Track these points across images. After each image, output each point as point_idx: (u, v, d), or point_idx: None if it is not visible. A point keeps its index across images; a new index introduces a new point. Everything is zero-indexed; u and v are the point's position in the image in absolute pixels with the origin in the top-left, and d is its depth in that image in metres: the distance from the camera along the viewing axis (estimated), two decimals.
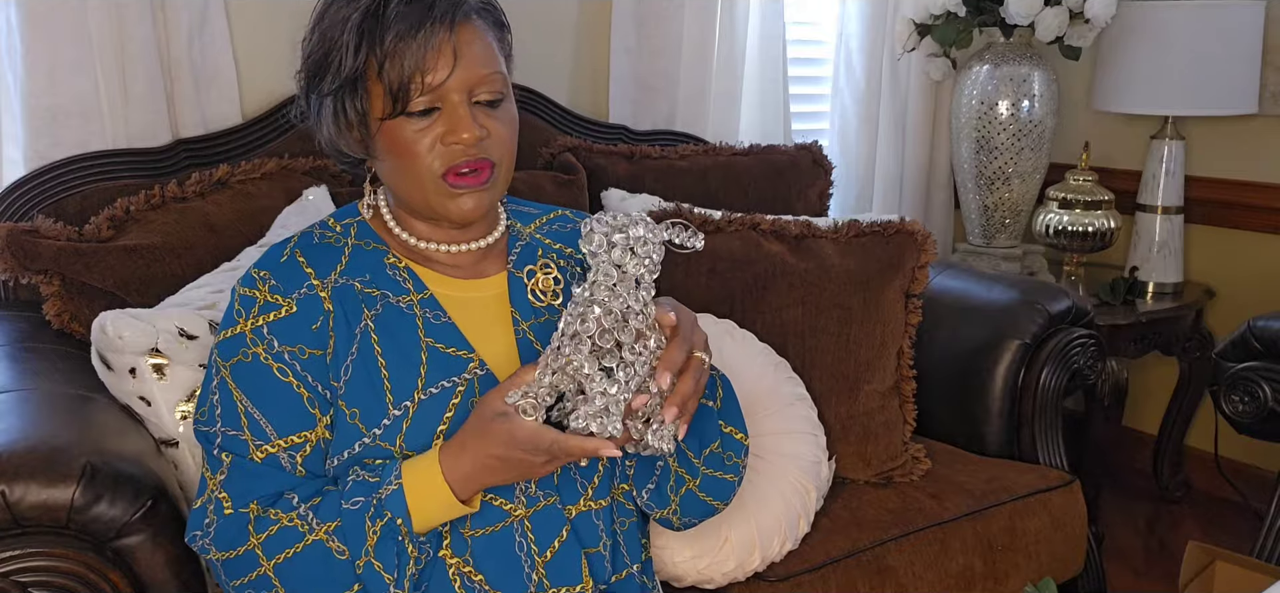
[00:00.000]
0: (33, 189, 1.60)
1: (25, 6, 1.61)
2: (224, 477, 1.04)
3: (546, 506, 1.09)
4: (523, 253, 1.17)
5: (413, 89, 1.00)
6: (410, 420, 1.05)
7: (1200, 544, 1.63)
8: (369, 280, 1.09)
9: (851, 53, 2.67)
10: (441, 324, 1.09)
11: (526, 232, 1.20)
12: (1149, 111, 2.56)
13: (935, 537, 1.60)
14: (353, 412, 1.05)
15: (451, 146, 1.02)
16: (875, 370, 1.74)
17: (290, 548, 1.01)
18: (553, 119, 2.18)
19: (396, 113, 1.01)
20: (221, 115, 1.84)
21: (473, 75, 1.03)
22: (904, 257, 1.78)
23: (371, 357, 1.06)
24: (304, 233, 1.12)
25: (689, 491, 1.16)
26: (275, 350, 1.04)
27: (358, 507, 1.00)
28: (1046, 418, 1.85)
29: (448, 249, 1.12)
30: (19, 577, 1.02)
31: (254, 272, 1.08)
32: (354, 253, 1.10)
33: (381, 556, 1.00)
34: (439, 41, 1.00)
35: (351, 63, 1.01)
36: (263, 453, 1.04)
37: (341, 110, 1.04)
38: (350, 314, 1.07)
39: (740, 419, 1.18)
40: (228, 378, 1.05)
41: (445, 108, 1.02)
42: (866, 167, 2.74)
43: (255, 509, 1.03)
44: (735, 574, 1.45)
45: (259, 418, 1.04)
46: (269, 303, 1.05)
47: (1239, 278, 2.66)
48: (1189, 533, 2.53)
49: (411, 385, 1.05)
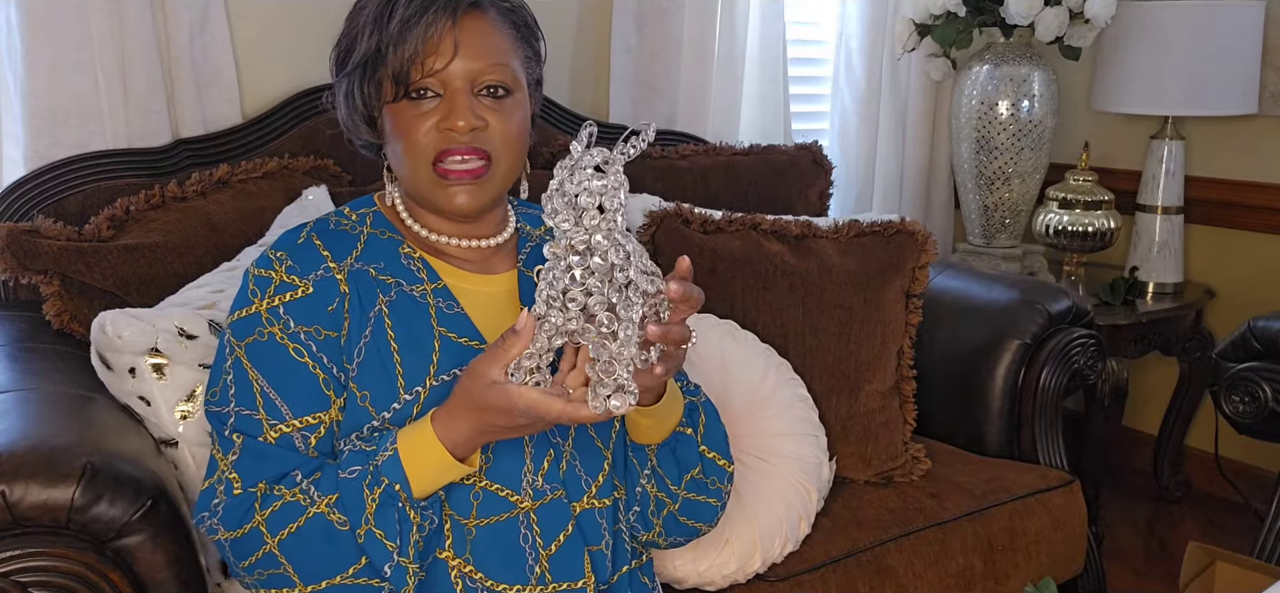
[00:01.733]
0: (33, 189, 1.60)
1: (25, 6, 1.61)
2: (236, 457, 1.04)
3: (553, 499, 1.09)
4: (533, 253, 1.18)
5: (414, 73, 1.03)
6: (421, 406, 1.05)
7: (1201, 545, 1.63)
8: (383, 268, 1.10)
9: (851, 53, 2.67)
10: (454, 314, 1.10)
11: (536, 234, 1.21)
12: (1149, 112, 2.56)
13: (935, 537, 1.60)
14: (364, 394, 1.06)
15: (445, 131, 1.04)
16: (876, 370, 1.74)
17: (293, 523, 1.01)
18: (553, 119, 2.17)
19: (398, 97, 1.05)
20: (222, 115, 1.84)
21: (475, 65, 1.04)
22: (904, 257, 1.78)
23: (385, 341, 1.07)
24: (320, 219, 1.13)
25: (670, 513, 1.17)
26: (292, 330, 1.05)
27: (355, 476, 1.00)
28: (1046, 418, 1.85)
29: (458, 243, 1.13)
30: (19, 577, 1.02)
31: (270, 252, 1.08)
32: (369, 240, 1.11)
33: (382, 523, 0.99)
34: (441, 29, 1.03)
35: (365, 47, 1.05)
36: (277, 433, 1.04)
37: (356, 92, 1.08)
38: (365, 298, 1.08)
39: (723, 445, 1.18)
40: (243, 357, 1.05)
41: (446, 95, 1.05)
42: (866, 167, 2.74)
43: (262, 488, 1.03)
44: (736, 576, 1.45)
45: (275, 397, 1.04)
46: (285, 283, 1.06)
47: (1239, 278, 2.66)
48: (1189, 533, 2.53)
49: (423, 372, 1.06)
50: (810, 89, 2.74)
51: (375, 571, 1.00)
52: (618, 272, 0.91)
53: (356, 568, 1.01)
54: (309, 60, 1.89)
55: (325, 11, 1.31)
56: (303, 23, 1.93)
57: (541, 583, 1.08)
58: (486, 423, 0.98)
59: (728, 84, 2.40)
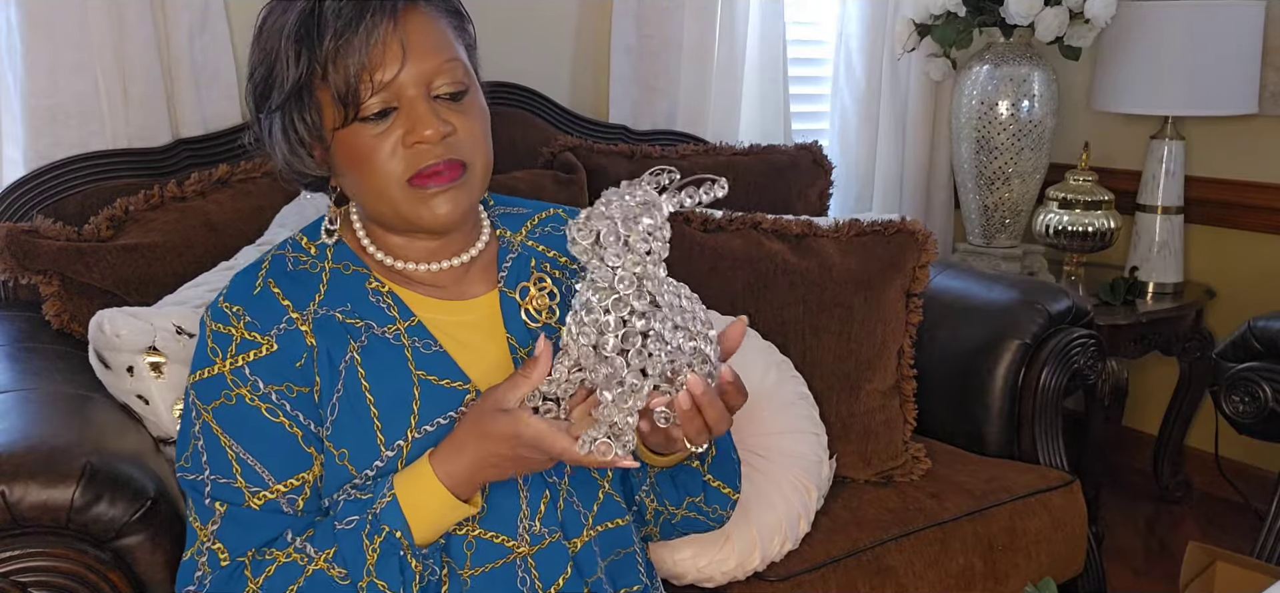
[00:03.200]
0: (33, 189, 1.60)
1: (25, 6, 1.61)
2: (216, 526, 0.97)
3: (551, 542, 1.02)
4: (514, 267, 1.08)
5: (362, 90, 0.92)
6: (404, 461, 0.97)
7: (1201, 545, 1.63)
8: (350, 310, 1.00)
9: (851, 53, 2.67)
10: (432, 353, 1.00)
11: (517, 240, 1.11)
12: (1149, 112, 2.55)
13: (935, 537, 1.60)
14: (341, 453, 0.98)
15: (414, 148, 0.94)
16: (876, 370, 1.74)
17: (292, 585, 0.95)
18: (553, 119, 2.17)
19: (349, 120, 0.93)
20: (221, 115, 1.84)
21: (427, 66, 0.94)
22: (905, 256, 1.78)
23: (359, 394, 0.98)
24: (275, 257, 1.03)
25: (666, 521, 1.15)
26: (262, 391, 0.96)
27: (352, 526, 0.94)
28: (1046, 418, 1.85)
29: (426, 267, 1.03)
30: (19, 577, 1.02)
31: (225, 305, 0.99)
32: (333, 279, 1.02)
33: (384, 574, 0.94)
34: (383, 34, 0.92)
35: (293, 73, 0.92)
36: (260, 500, 0.97)
37: (292, 126, 0.96)
38: (334, 349, 0.98)
39: (732, 476, 1.13)
40: (212, 422, 0.97)
41: (402, 106, 0.94)
42: (866, 166, 2.74)
43: (252, 555, 0.97)
44: (735, 573, 1.45)
45: (253, 463, 0.96)
46: (246, 342, 0.97)
47: (1239, 278, 2.66)
48: (1189, 533, 2.53)
49: (404, 424, 0.98)
50: (810, 89, 2.74)
51: None
52: (636, 319, 0.86)
53: None
54: None
55: None
56: None
57: None
58: (489, 453, 0.92)
59: (728, 84, 2.40)
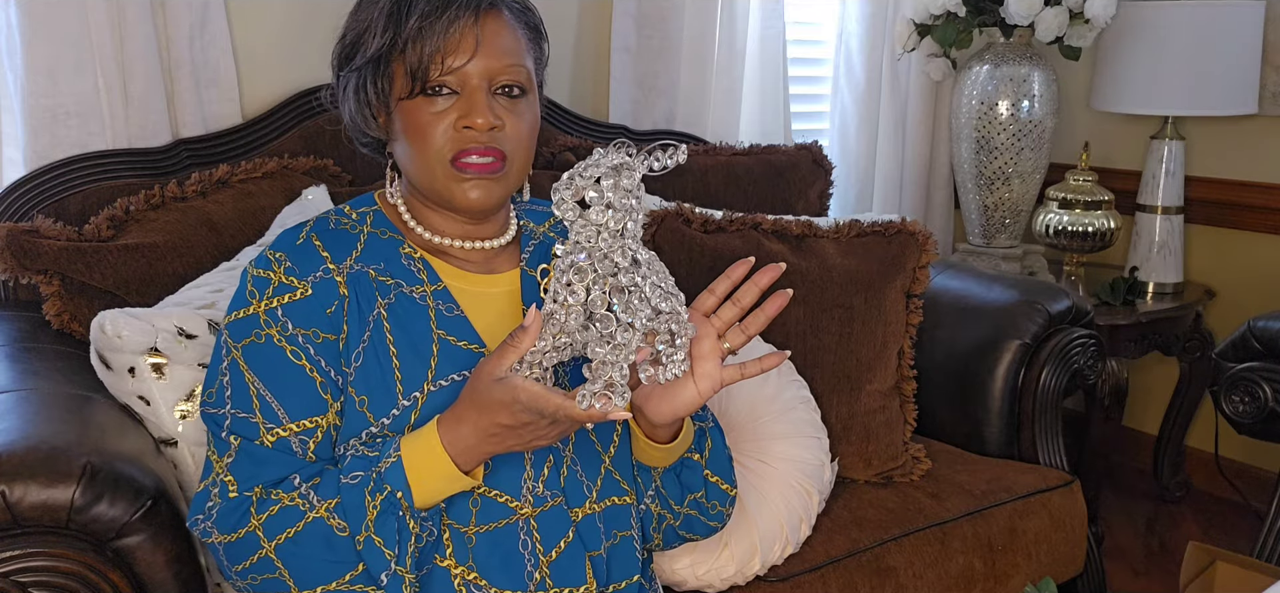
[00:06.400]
0: (33, 189, 1.60)
1: (25, 6, 1.61)
2: (231, 459, 1.03)
3: (553, 506, 1.08)
4: (536, 251, 1.17)
5: (432, 69, 1.03)
6: (419, 411, 1.04)
7: (1201, 545, 1.63)
8: (383, 269, 1.09)
9: (851, 53, 2.67)
10: (454, 317, 1.09)
11: (540, 230, 1.20)
12: (1149, 112, 2.56)
13: (935, 537, 1.60)
14: (361, 399, 1.04)
15: (464, 131, 1.04)
16: (876, 370, 1.74)
17: (291, 528, 0.99)
18: (553, 119, 2.17)
19: (414, 93, 1.04)
20: (221, 115, 1.84)
21: (494, 63, 1.05)
22: (905, 256, 1.78)
23: (383, 345, 1.06)
24: (320, 218, 1.12)
25: (669, 526, 1.20)
26: (289, 333, 1.04)
27: (357, 481, 0.99)
28: (1046, 418, 1.85)
29: (461, 244, 1.12)
30: (19, 577, 1.02)
31: (269, 253, 1.07)
32: (370, 240, 1.10)
33: (382, 530, 0.98)
34: (463, 26, 1.03)
35: (378, 43, 1.04)
36: (273, 436, 1.03)
37: (365, 88, 1.07)
38: (364, 302, 1.07)
39: (727, 471, 1.20)
40: (239, 359, 1.04)
41: (464, 93, 1.04)
42: (866, 166, 2.74)
43: (258, 492, 1.01)
44: (735, 580, 1.45)
45: (271, 400, 1.03)
46: (284, 285, 1.05)
47: (1239, 278, 2.66)
48: (1189, 533, 2.53)
49: (422, 377, 1.05)
50: (810, 89, 2.74)
51: (371, 579, 1.00)
52: (622, 274, 0.91)
53: (353, 575, 1.00)
54: (309, 60, 1.89)
55: (325, 12, 1.31)
56: (302, 23, 1.93)
57: (542, 589, 1.07)
58: (490, 423, 0.97)
59: (728, 84, 2.40)
